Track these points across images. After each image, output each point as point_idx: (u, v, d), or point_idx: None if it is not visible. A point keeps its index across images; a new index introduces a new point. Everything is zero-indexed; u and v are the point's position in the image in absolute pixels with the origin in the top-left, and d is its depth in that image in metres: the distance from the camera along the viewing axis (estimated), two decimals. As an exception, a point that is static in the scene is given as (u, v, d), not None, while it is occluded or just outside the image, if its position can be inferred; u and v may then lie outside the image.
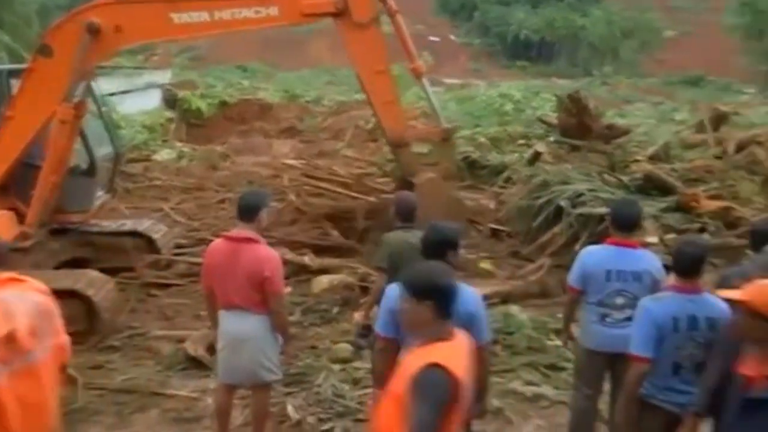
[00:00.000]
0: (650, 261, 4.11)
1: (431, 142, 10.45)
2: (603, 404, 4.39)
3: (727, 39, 56.94)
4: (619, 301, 4.03)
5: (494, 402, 4.84)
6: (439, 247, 3.52)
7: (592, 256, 4.20)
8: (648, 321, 3.44)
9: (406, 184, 7.12)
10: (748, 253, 4.90)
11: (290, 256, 7.59)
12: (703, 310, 3.42)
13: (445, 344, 2.52)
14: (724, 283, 3.83)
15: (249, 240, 4.12)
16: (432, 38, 68.93)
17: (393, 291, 3.22)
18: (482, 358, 3.29)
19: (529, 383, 5.44)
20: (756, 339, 2.70)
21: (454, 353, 2.51)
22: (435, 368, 2.38)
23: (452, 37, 74.08)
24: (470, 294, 3.42)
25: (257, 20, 6.79)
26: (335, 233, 8.63)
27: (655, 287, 3.92)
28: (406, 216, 4.50)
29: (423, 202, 4.85)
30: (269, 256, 4.16)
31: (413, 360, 2.47)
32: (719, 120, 10.88)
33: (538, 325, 6.25)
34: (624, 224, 4.11)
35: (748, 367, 2.72)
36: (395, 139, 7.33)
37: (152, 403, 5.26)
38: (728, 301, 3.03)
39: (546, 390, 5.33)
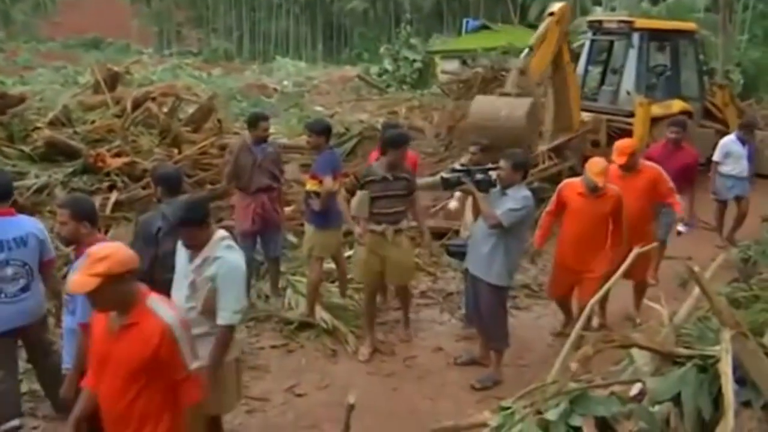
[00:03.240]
0: (32, 224, 4.20)
1: None
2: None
3: (121, 2, 58.72)
4: (10, 271, 4.01)
5: None
6: None
7: None
8: None
9: None
10: (155, 200, 5.26)
11: None
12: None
13: None
14: (140, 228, 4.23)
15: None
16: None
17: None
18: None
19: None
20: None
21: None
22: None
23: None
24: None
25: None
26: None
27: (42, 247, 4.11)
28: None
29: None
30: None
31: None
32: (114, 80, 11.24)
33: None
34: None
35: None
36: None
37: None
38: None
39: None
